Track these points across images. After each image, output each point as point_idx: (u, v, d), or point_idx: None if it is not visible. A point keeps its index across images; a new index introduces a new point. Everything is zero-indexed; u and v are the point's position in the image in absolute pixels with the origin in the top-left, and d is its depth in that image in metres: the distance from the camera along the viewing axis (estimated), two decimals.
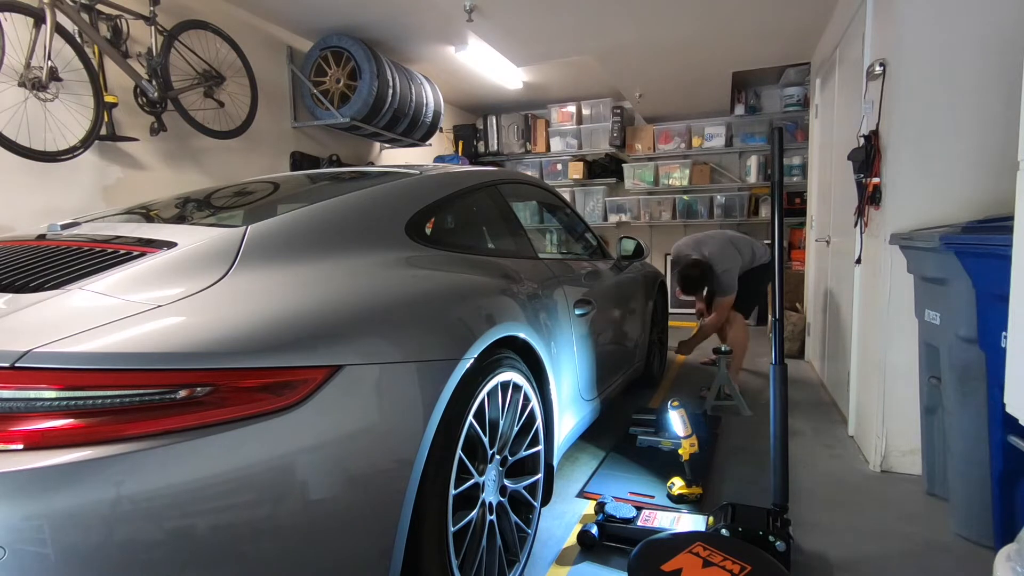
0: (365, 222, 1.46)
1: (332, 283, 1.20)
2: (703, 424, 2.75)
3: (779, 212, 1.63)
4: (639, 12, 3.49)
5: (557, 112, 6.44)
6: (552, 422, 1.76)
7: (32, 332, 0.85)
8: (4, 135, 2.27)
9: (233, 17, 3.52)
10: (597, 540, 1.77)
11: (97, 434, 0.82)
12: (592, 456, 2.49)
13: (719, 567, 1.46)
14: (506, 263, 1.82)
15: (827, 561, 1.70)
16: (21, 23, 2.35)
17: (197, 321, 0.96)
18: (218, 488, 0.88)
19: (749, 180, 6.13)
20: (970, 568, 1.65)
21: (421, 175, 1.80)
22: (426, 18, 3.78)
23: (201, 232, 1.23)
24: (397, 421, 1.13)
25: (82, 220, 1.53)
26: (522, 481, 1.57)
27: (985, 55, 1.99)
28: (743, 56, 4.46)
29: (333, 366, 1.02)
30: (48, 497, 0.77)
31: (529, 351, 1.65)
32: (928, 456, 2.07)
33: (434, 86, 4.70)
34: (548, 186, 2.79)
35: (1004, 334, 1.33)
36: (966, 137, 2.05)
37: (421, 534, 1.16)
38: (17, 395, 0.81)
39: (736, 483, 2.21)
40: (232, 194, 1.88)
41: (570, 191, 6.73)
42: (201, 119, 3.16)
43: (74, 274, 1.03)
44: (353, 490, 1.04)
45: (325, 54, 3.94)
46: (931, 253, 1.82)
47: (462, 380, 1.27)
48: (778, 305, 1.63)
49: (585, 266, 2.47)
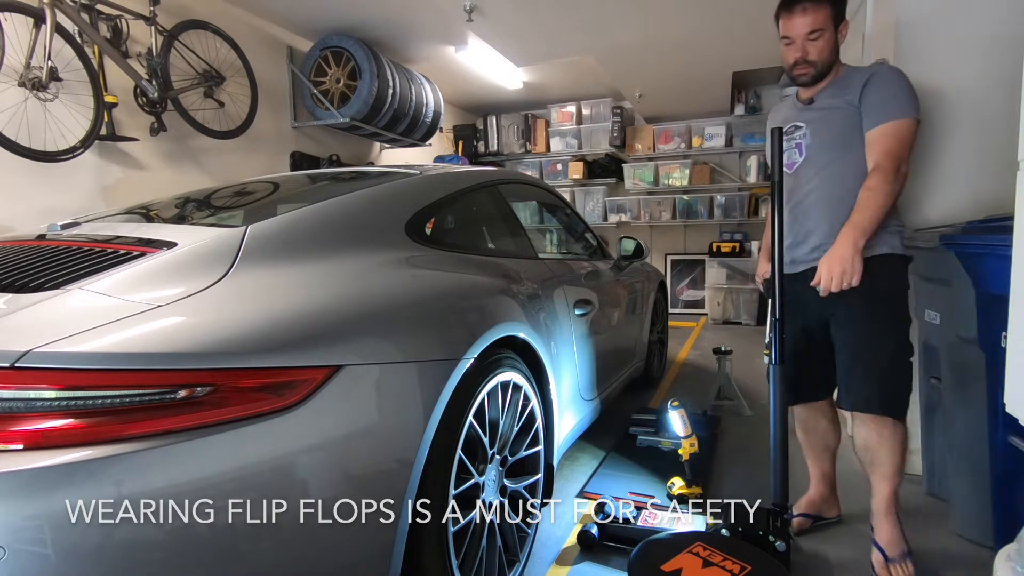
0: (365, 222, 1.46)
1: (332, 283, 1.20)
2: (703, 424, 2.75)
3: (779, 212, 1.63)
4: (639, 12, 3.49)
5: (557, 112, 6.44)
6: (552, 422, 1.76)
7: (32, 332, 0.85)
8: (4, 135, 2.27)
9: (233, 17, 3.52)
10: (597, 540, 1.77)
11: (97, 434, 0.82)
12: (592, 456, 2.49)
13: (719, 567, 1.46)
14: (506, 263, 1.82)
15: (827, 561, 1.71)
16: (21, 23, 2.35)
17: (197, 321, 0.96)
18: (218, 488, 0.88)
19: (749, 180, 6.14)
20: (970, 568, 1.65)
21: (421, 175, 1.80)
22: (426, 18, 3.78)
23: (201, 232, 1.23)
24: (397, 421, 1.13)
25: (82, 220, 1.53)
26: (522, 481, 1.57)
27: (984, 55, 1.99)
28: (743, 56, 4.46)
29: (333, 366, 1.02)
30: (48, 497, 0.77)
31: (529, 351, 1.65)
32: (928, 456, 2.07)
33: (434, 86, 4.70)
34: (548, 186, 2.79)
35: (1004, 334, 1.33)
36: (966, 137, 2.05)
37: (421, 534, 1.15)
38: (17, 395, 0.80)
39: (736, 483, 2.21)
40: (232, 194, 1.89)
41: (570, 191, 6.73)
42: (201, 119, 3.17)
43: (74, 274, 1.03)
44: (353, 490, 1.04)
45: (325, 54, 3.94)
46: (931, 253, 1.82)
47: (462, 380, 1.27)
48: (778, 305, 1.63)
49: (585, 266, 2.47)
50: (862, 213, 1.52)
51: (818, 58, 1.63)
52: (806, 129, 1.71)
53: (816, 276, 1.55)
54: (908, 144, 1.54)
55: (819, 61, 1.63)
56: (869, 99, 1.58)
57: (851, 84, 1.62)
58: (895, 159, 1.52)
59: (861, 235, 1.50)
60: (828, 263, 1.52)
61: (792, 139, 1.75)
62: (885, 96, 1.57)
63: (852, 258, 1.49)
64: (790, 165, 1.75)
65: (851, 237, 1.51)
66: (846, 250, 1.50)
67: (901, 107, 1.55)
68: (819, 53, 1.62)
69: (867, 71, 1.63)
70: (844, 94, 1.63)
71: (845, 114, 1.62)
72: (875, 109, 1.57)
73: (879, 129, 1.56)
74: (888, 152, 1.53)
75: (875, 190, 1.52)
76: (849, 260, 1.49)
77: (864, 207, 1.52)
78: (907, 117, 1.54)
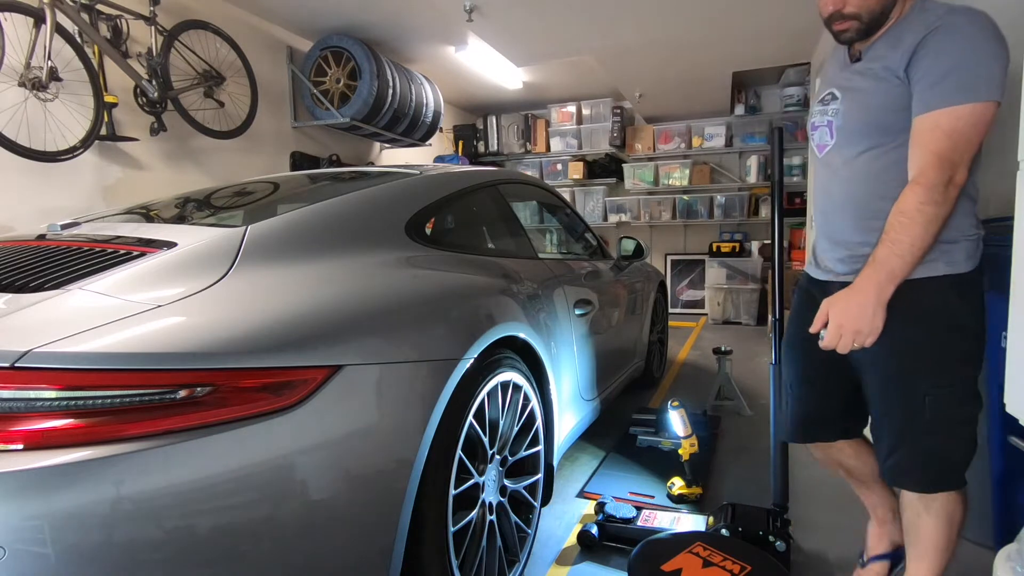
0: (365, 222, 1.46)
1: (332, 283, 1.21)
2: (703, 424, 2.75)
3: (779, 212, 1.63)
4: (639, 12, 3.49)
5: (557, 112, 6.44)
6: (552, 422, 1.76)
7: (32, 332, 0.85)
8: (4, 135, 2.27)
9: (233, 17, 3.52)
10: (597, 540, 1.77)
11: (97, 434, 0.82)
12: (592, 456, 2.49)
13: (719, 567, 1.46)
14: (506, 263, 1.82)
15: (827, 561, 1.70)
16: (21, 23, 2.35)
17: (197, 321, 0.96)
18: (218, 488, 0.88)
19: (749, 180, 6.14)
20: (970, 568, 1.64)
21: (421, 175, 1.80)
22: (426, 18, 3.78)
23: (201, 232, 1.23)
24: (397, 421, 1.13)
25: (82, 220, 1.53)
26: (522, 481, 1.57)
27: None
28: (743, 56, 4.45)
29: (333, 366, 1.02)
30: (48, 497, 0.77)
31: (529, 351, 1.65)
32: None
33: (434, 86, 4.70)
34: (548, 186, 2.79)
35: (1004, 334, 1.33)
36: None
37: (421, 534, 1.16)
38: (17, 395, 0.81)
39: (736, 483, 2.22)
40: (232, 194, 1.89)
41: (570, 191, 6.73)
42: (201, 119, 3.17)
43: (74, 274, 1.03)
44: (353, 490, 1.04)
45: (325, 54, 3.94)
46: None
47: (462, 380, 1.27)
48: (778, 305, 1.64)
49: (585, 266, 2.47)
50: (891, 248, 1.09)
51: (861, 7, 1.14)
52: (841, 101, 1.23)
53: (817, 321, 1.16)
54: (972, 143, 1.08)
55: (864, 11, 1.14)
56: (920, 67, 1.09)
57: (906, 36, 1.12)
58: (945, 167, 1.06)
59: (888, 281, 1.10)
60: (839, 313, 1.13)
61: (826, 112, 1.27)
62: (944, 66, 1.06)
63: (872, 312, 1.10)
64: (821, 147, 1.29)
65: (874, 283, 1.10)
66: (865, 300, 1.10)
67: (966, 84, 1.05)
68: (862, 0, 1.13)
69: (932, 18, 1.10)
70: (893, 53, 1.14)
71: (890, 93, 1.14)
72: (927, 86, 1.08)
73: (929, 118, 1.08)
74: (938, 156, 1.07)
75: (911, 216, 1.07)
76: (868, 315, 1.10)
77: (895, 240, 1.09)
78: (974, 101, 1.05)
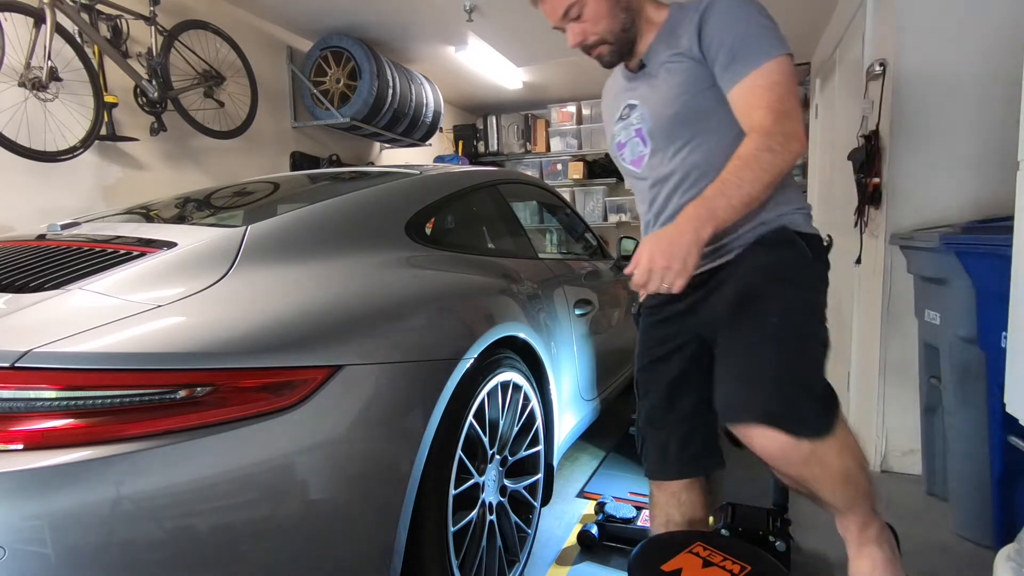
0: (365, 222, 1.46)
1: (332, 283, 1.20)
2: None
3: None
4: None
5: (557, 112, 6.43)
6: (552, 422, 1.76)
7: (32, 332, 0.85)
8: (4, 135, 2.27)
9: (233, 17, 3.52)
10: (597, 540, 1.77)
11: (97, 434, 0.82)
12: (592, 456, 2.49)
13: (719, 567, 1.46)
14: (506, 263, 1.82)
15: (827, 561, 1.71)
16: (21, 23, 2.34)
17: (197, 321, 0.96)
18: (218, 488, 0.88)
19: None
20: (970, 568, 1.65)
21: (421, 175, 1.80)
22: (426, 18, 3.77)
23: (201, 232, 1.23)
24: (397, 421, 1.13)
25: (82, 220, 1.53)
26: (522, 481, 1.57)
27: (985, 55, 1.99)
28: None
29: (333, 366, 1.02)
30: (48, 497, 0.77)
31: (529, 351, 1.65)
32: (928, 456, 2.07)
33: (434, 86, 4.70)
34: (548, 186, 2.79)
35: (1004, 334, 1.33)
36: (966, 137, 2.05)
37: (421, 534, 1.16)
38: (17, 395, 0.81)
39: (736, 483, 2.21)
40: (232, 194, 1.89)
41: (570, 191, 6.72)
42: (201, 119, 3.16)
43: (74, 274, 1.03)
44: (353, 490, 1.04)
45: (325, 54, 3.94)
46: (931, 253, 1.82)
47: (462, 380, 1.27)
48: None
49: (585, 266, 2.47)
50: (720, 187, 1.00)
51: (600, 31, 1.16)
52: (642, 104, 1.21)
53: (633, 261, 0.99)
54: (793, 92, 1.06)
55: (605, 32, 1.16)
56: (715, 45, 1.10)
57: (681, 29, 1.15)
58: (779, 115, 1.03)
59: (708, 219, 0.97)
60: (650, 247, 0.97)
61: (630, 123, 1.24)
62: (739, 34, 1.09)
63: (685, 249, 0.95)
64: (637, 161, 1.25)
65: (692, 219, 0.97)
66: (679, 234, 0.96)
67: (765, 43, 1.08)
68: (597, 24, 1.15)
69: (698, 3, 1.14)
70: (677, 45, 1.15)
71: (689, 74, 1.14)
72: (730, 58, 1.09)
73: (744, 83, 1.07)
74: (768, 107, 1.04)
75: (746, 159, 1.01)
76: (680, 252, 0.95)
77: (724, 180, 1.01)
78: (779, 55, 1.07)
